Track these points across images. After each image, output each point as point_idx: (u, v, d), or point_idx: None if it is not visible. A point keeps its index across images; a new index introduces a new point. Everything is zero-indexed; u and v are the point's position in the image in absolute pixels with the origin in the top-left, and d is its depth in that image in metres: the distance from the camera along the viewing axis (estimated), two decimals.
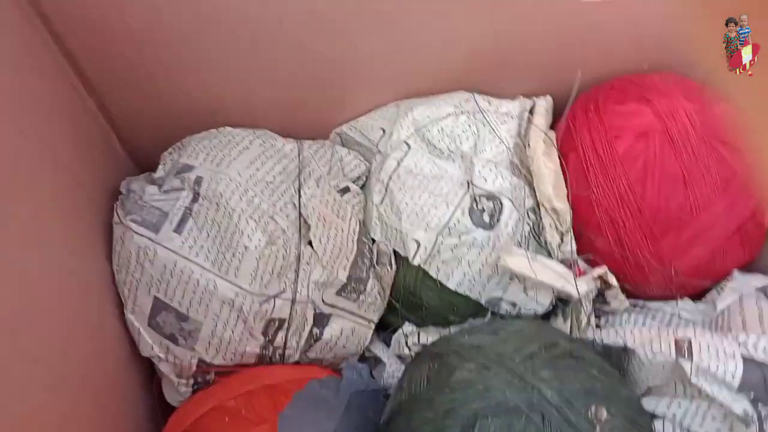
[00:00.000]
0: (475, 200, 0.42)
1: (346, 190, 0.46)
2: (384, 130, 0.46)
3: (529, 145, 0.43)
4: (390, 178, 0.44)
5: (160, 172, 0.44)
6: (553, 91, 0.47)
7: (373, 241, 0.44)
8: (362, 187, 0.48)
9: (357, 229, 0.44)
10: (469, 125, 0.44)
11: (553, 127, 0.47)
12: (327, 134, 0.50)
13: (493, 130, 0.43)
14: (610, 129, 0.42)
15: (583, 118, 0.44)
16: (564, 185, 0.42)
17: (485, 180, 0.42)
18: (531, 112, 0.45)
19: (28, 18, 0.33)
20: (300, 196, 0.42)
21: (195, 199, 0.40)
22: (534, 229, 0.43)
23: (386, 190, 0.44)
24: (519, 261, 0.39)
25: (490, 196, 0.42)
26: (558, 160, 0.43)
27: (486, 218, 0.42)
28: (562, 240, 0.41)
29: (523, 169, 0.44)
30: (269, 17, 0.36)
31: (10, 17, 0.31)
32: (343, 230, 0.43)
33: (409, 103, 0.46)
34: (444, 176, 0.43)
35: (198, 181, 0.40)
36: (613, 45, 0.44)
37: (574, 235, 0.42)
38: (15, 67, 0.31)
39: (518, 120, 0.44)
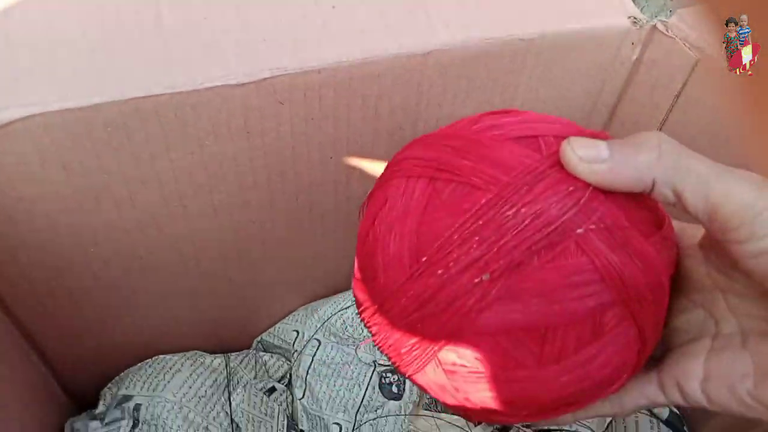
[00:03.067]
0: (382, 376, 0.49)
1: (272, 390, 0.52)
2: (298, 332, 0.54)
3: None
4: (307, 372, 0.50)
5: (101, 408, 0.48)
6: None
7: (302, 431, 0.50)
8: (287, 385, 0.54)
9: (285, 423, 0.49)
10: None
11: None
12: (251, 343, 0.56)
13: None
14: None
15: None
16: None
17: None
18: None
19: None
20: (230, 403, 0.47)
21: (135, 425, 0.44)
22: None
23: (306, 384, 0.50)
24: (425, 423, 0.45)
25: (394, 370, 0.49)
26: None
27: (395, 389, 0.49)
28: None
29: None
30: (187, 257, 0.44)
31: None
32: (272, 427, 0.48)
33: (315, 304, 0.54)
34: (353, 361, 0.50)
35: (137, 407, 0.45)
36: None
37: None
38: None
39: None
